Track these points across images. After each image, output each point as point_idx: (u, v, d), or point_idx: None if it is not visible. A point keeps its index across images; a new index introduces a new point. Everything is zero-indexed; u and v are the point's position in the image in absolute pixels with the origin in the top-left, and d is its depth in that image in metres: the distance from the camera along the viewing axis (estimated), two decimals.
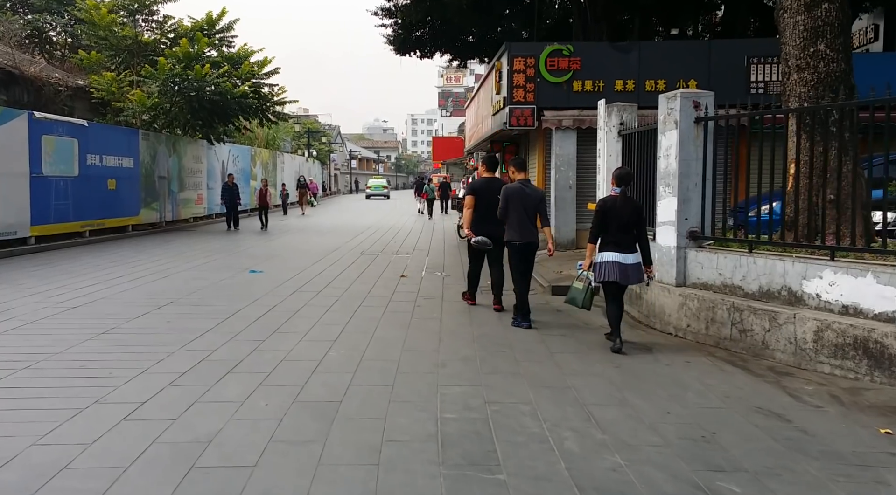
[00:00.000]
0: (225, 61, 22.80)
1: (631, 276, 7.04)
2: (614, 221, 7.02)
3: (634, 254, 7.06)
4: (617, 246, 6.99)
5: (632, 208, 7.14)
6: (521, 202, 8.09)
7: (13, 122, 14.75)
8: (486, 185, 8.99)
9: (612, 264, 6.97)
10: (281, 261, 14.14)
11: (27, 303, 9.00)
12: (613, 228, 7.01)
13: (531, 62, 14.21)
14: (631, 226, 7.03)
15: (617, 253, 6.98)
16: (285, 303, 9.28)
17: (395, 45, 20.59)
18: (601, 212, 7.13)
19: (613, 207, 7.08)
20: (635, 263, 7.05)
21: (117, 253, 15.24)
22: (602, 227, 7.08)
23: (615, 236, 7.00)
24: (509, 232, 8.18)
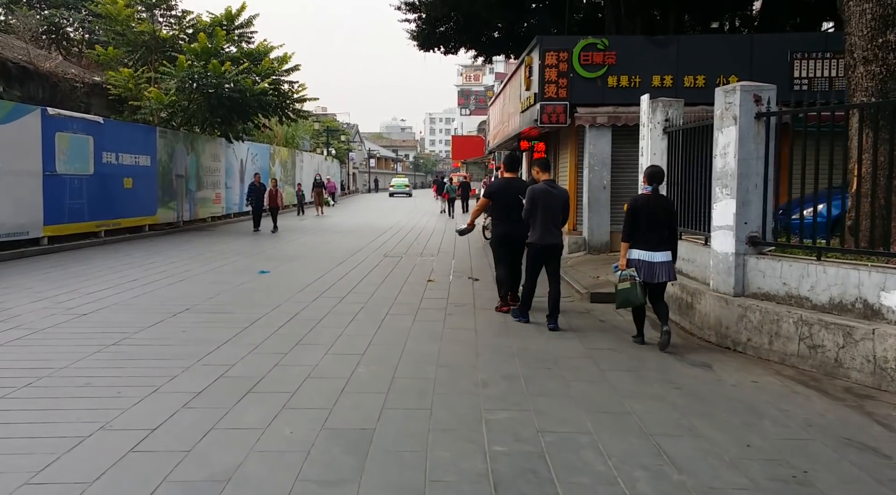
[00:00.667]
0: (244, 57, 22.31)
1: (658, 274, 7.00)
2: (645, 220, 7.02)
3: (664, 253, 7.03)
4: (646, 244, 7.01)
5: (664, 207, 7.14)
6: (548, 203, 7.88)
7: (25, 118, 14.30)
8: (505, 186, 8.80)
9: (639, 262, 7.03)
10: (302, 264, 13.59)
11: (34, 310, 8.48)
12: (644, 227, 7.02)
13: (564, 57, 13.54)
14: (662, 224, 7.04)
15: (644, 251, 7.00)
16: (308, 311, 8.71)
17: (418, 41, 19.99)
18: (632, 210, 7.10)
19: (645, 206, 7.07)
20: (664, 261, 7.01)
21: (132, 254, 14.76)
22: (634, 226, 7.06)
23: (645, 235, 7.02)
24: (532, 233, 7.95)
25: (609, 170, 13.39)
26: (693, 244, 8.51)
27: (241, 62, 21.83)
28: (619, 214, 13.57)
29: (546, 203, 7.85)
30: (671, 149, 9.28)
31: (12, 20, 26.59)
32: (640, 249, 7.03)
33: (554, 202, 7.90)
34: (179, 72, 20.18)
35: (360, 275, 12.04)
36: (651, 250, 6.97)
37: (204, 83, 20.81)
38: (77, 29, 28.77)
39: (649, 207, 7.05)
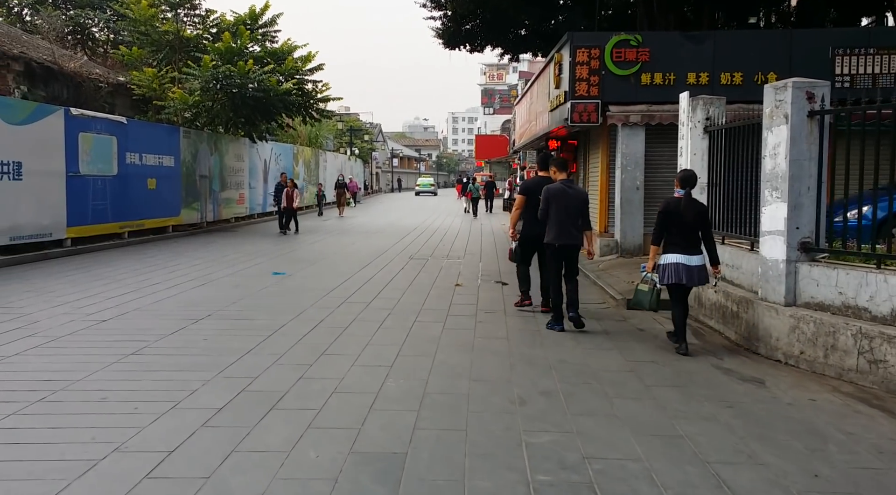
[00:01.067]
0: (268, 56, 22.11)
1: (696, 277, 6.94)
2: (677, 223, 6.93)
3: (699, 256, 6.96)
4: (681, 247, 6.89)
5: (696, 210, 7.04)
6: (564, 203, 7.82)
7: (48, 118, 14.17)
8: (540, 185, 8.62)
9: (676, 266, 6.88)
10: (326, 267, 13.30)
11: (54, 316, 8.26)
12: (676, 230, 6.93)
13: (595, 53, 13.12)
14: (695, 227, 6.95)
15: (681, 254, 6.88)
16: (333, 318, 8.40)
17: (443, 39, 19.64)
18: (664, 213, 7.03)
19: (677, 209, 6.97)
20: (700, 264, 6.94)
21: (156, 256, 14.58)
22: (665, 229, 7.00)
23: (679, 238, 6.92)
24: (549, 233, 7.91)
25: (642, 170, 12.95)
26: (738, 249, 8.08)
27: (266, 62, 21.63)
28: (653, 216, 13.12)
29: (561, 202, 7.80)
30: (712, 149, 8.86)
31: (38, 20, 26.69)
32: (675, 253, 6.92)
33: (570, 202, 7.82)
34: (204, 72, 20.02)
35: (386, 278, 11.72)
36: (688, 254, 6.90)
37: (228, 83, 20.64)
38: (102, 29, 28.80)
39: (681, 211, 6.95)
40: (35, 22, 26.99)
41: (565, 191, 7.91)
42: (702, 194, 9.01)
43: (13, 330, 7.49)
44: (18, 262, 12.93)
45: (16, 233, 13.22)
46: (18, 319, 8.01)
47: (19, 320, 7.97)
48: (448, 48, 19.97)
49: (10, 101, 13.55)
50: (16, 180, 13.24)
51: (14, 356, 6.45)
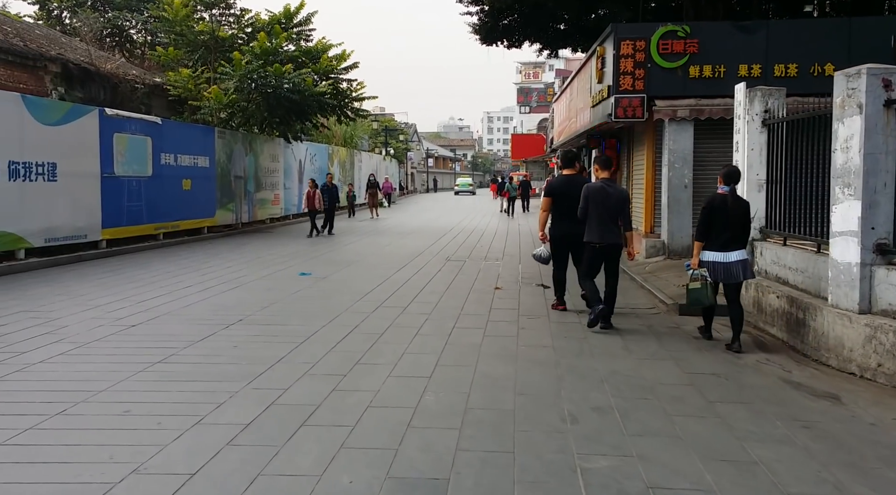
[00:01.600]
0: (303, 55, 21.91)
1: (735, 274, 6.93)
2: (721, 220, 6.92)
3: (738, 252, 6.94)
4: (720, 245, 6.92)
5: (740, 207, 7.04)
6: (603, 202, 7.68)
7: (83, 119, 14.07)
8: (566, 184, 8.57)
9: (714, 264, 6.95)
10: (361, 269, 12.96)
11: (83, 320, 8.03)
12: (719, 227, 6.92)
13: (641, 45, 12.55)
14: (736, 225, 6.94)
15: (718, 252, 6.92)
16: (368, 323, 8.02)
17: (480, 35, 19.19)
18: (708, 210, 7.01)
19: (722, 206, 6.95)
20: (739, 260, 6.91)
21: (189, 257, 14.40)
22: (708, 226, 6.99)
23: (720, 235, 6.92)
24: (589, 233, 7.79)
25: (691, 167, 12.35)
26: (802, 251, 7.50)
27: (301, 62, 21.43)
28: None
29: (600, 201, 7.67)
30: (772, 143, 8.28)
31: (77, 23, 26.91)
32: (713, 250, 6.96)
33: (609, 201, 7.68)
34: (238, 70, 19.88)
35: (423, 281, 11.33)
36: (725, 250, 6.90)
37: (263, 83, 20.48)
38: (140, 31, 28.97)
39: (726, 207, 6.93)
40: (74, 25, 27.25)
41: (605, 189, 7.74)
42: (760, 192, 8.46)
43: (41, 335, 7.26)
44: (53, 264, 12.83)
45: (51, 234, 13.13)
46: (48, 324, 7.80)
47: (48, 325, 7.74)
48: (485, 44, 19.52)
49: (44, 102, 13.48)
50: (51, 181, 13.15)
51: (39, 363, 6.20)
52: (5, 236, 12.07)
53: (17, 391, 5.42)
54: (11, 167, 12.19)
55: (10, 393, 5.37)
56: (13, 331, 7.47)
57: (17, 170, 12.34)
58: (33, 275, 11.72)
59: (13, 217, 12.21)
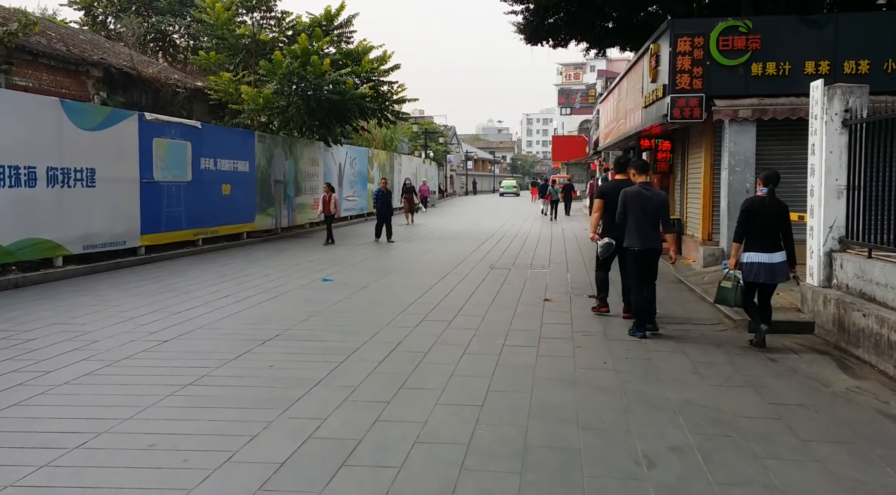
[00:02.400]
0: (343, 57, 21.57)
1: (777, 274, 7.11)
2: (760, 222, 7.09)
3: (781, 253, 7.10)
4: (762, 246, 7.06)
5: (779, 209, 7.15)
6: (640, 206, 7.70)
7: (122, 123, 13.86)
8: (617, 188, 8.48)
9: (759, 264, 7.07)
10: (402, 278, 12.48)
11: (115, 334, 7.66)
12: (758, 229, 7.08)
13: (699, 42, 11.82)
14: (777, 226, 7.09)
15: (763, 253, 7.05)
16: (411, 340, 7.50)
17: (525, 34, 18.59)
18: (746, 212, 7.17)
19: (761, 208, 7.11)
20: (781, 261, 7.09)
21: (228, 265, 14.09)
22: (747, 228, 7.15)
23: (760, 236, 7.06)
24: (628, 237, 7.84)
25: (752, 171, 11.57)
26: (892, 265, 6.76)
27: (342, 63, 21.09)
28: None
29: (638, 205, 7.69)
30: (853, 145, 7.55)
31: (121, 28, 27.06)
32: (756, 251, 7.10)
33: (647, 204, 7.67)
34: (277, 70, 19.59)
35: (467, 291, 10.79)
36: (768, 252, 7.06)
37: (303, 86, 20.20)
38: (183, 35, 29.04)
39: (764, 209, 7.09)
40: (118, 30, 27.42)
41: (642, 193, 7.74)
42: (840, 199, 7.73)
43: (70, 351, 6.91)
44: (91, 272, 12.62)
45: (89, 241, 12.92)
46: (78, 339, 7.45)
47: (79, 340, 7.40)
48: (529, 44, 18.90)
49: (83, 106, 13.29)
50: (89, 187, 12.94)
51: (63, 385, 5.81)
52: (43, 243, 11.87)
53: (38, 418, 5.03)
54: (50, 173, 11.99)
55: (30, 421, 4.97)
56: (43, 346, 7.13)
57: (56, 175, 12.14)
58: (70, 283, 11.49)
59: (51, 224, 12.01)
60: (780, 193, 11.03)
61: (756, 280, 7.14)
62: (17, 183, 11.34)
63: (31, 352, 6.89)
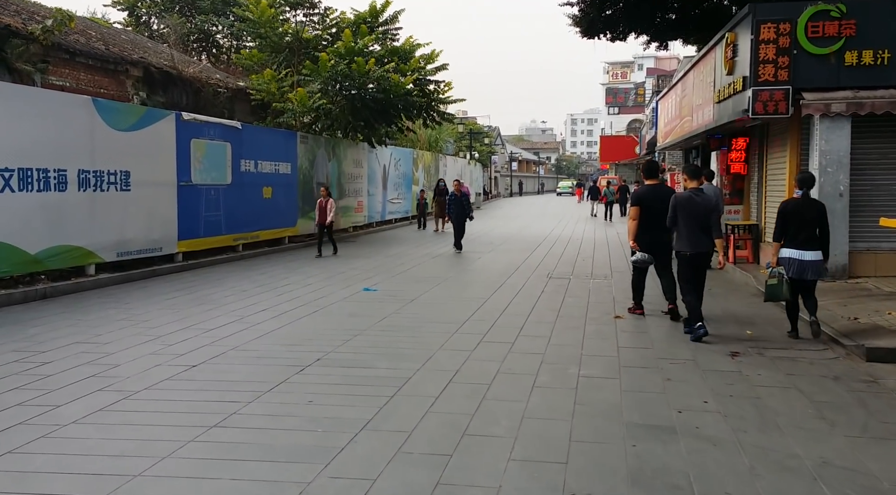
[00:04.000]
0: (389, 55, 20.73)
1: (809, 271, 7.41)
2: (795, 222, 7.44)
3: (813, 252, 7.41)
4: (796, 244, 7.42)
5: (815, 209, 7.47)
6: (691, 211, 7.82)
7: (158, 123, 13.18)
8: (651, 193, 8.75)
9: (790, 261, 7.43)
10: (452, 289, 11.52)
11: (139, 357, 6.86)
12: (794, 228, 7.44)
13: (785, 29, 10.60)
14: (812, 225, 7.39)
15: (795, 250, 7.41)
16: (470, 368, 6.52)
17: (581, 27, 17.47)
18: (783, 213, 7.55)
19: (796, 209, 7.49)
20: (813, 260, 7.38)
21: (267, 272, 13.31)
22: (783, 228, 7.53)
23: (795, 235, 7.43)
24: (679, 242, 7.95)
25: (847, 172, 10.33)
26: None
27: (387, 61, 20.24)
28: (862, 229, 10.51)
29: (688, 210, 7.81)
30: None
31: (164, 29, 26.72)
32: (790, 248, 7.48)
33: (698, 210, 7.79)
34: (323, 71, 18.85)
35: (526, 306, 9.77)
36: (800, 249, 7.40)
37: (347, 85, 19.43)
38: (226, 35, 28.60)
39: (799, 210, 7.48)
40: (161, 31, 27.08)
41: (693, 199, 7.84)
42: None
43: (86, 379, 6.11)
44: (125, 280, 11.95)
45: (123, 248, 12.26)
46: (97, 363, 6.66)
47: (98, 364, 6.60)
48: (586, 37, 17.78)
49: (117, 105, 12.64)
50: (124, 191, 12.29)
51: (70, 425, 4.99)
52: (74, 251, 11.22)
53: (29, 472, 4.19)
54: (81, 176, 11.34)
55: (17, 477, 4.13)
56: (58, 371, 6.35)
57: (88, 179, 11.49)
58: (101, 293, 10.80)
59: (83, 230, 11.36)
60: (876, 198, 9.97)
61: (791, 276, 7.47)
62: (47, 187, 10.70)
63: (43, 379, 6.11)
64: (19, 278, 10.45)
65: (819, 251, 7.39)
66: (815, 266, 7.40)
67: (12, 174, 10.10)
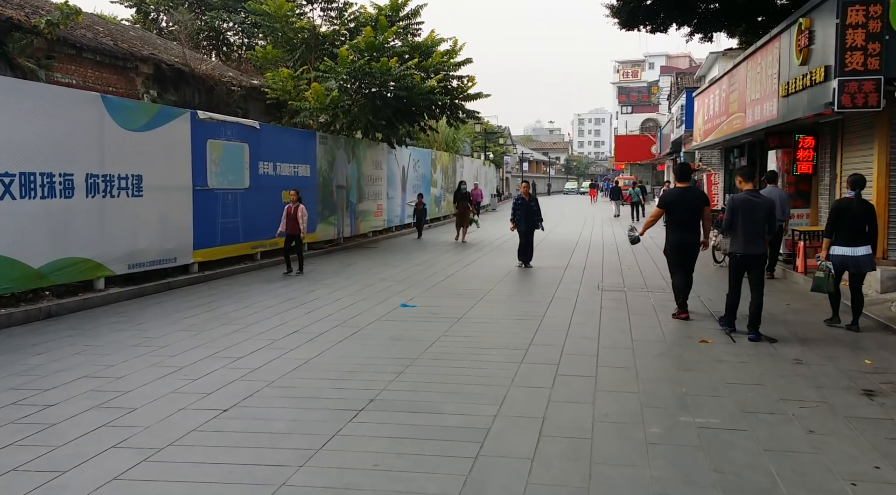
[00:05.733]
0: (411, 51, 19.62)
1: (862, 265, 7.96)
2: (847, 220, 7.93)
3: (864, 247, 7.92)
4: (847, 241, 7.93)
5: (865, 208, 7.96)
6: (749, 213, 7.85)
7: (173, 123, 12.11)
8: (680, 196, 8.97)
9: (843, 257, 7.97)
10: (499, 305, 10.40)
11: (159, 397, 5.77)
12: (846, 226, 7.95)
13: (876, 11, 9.44)
14: (863, 223, 7.91)
15: (847, 247, 7.93)
16: (557, 413, 5.40)
17: (620, 17, 16.35)
18: (835, 211, 8.06)
19: (848, 208, 7.97)
20: (866, 254, 7.92)
21: (291, 285, 12.22)
22: (835, 225, 8.01)
23: (846, 232, 7.92)
24: (734, 243, 8.02)
25: None
26: None
27: (409, 57, 19.15)
28: None
29: (748, 213, 7.84)
30: None
31: (172, 26, 25.68)
32: (843, 246, 7.93)
33: (757, 211, 7.85)
34: (342, 67, 17.77)
35: (590, 327, 8.63)
36: (853, 246, 7.87)
37: (368, 82, 18.34)
38: (237, 32, 27.57)
39: (852, 209, 7.91)
40: (170, 27, 26.06)
41: (751, 200, 7.90)
42: None
43: (97, 429, 5.04)
44: (137, 295, 10.89)
45: (135, 259, 11.19)
46: (110, 405, 5.59)
47: (111, 408, 5.52)
48: (625, 28, 16.63)
49: (128, 103, 11.57)
50: (135, 197, 11.22)
51: None
52: (82, 263, 10.16)
53: None
54: (89, 181, 10.28)
55: None
56: (63, 417, 5.29)
57: (97, 184, 10.42)
58: (111, 311, 9.75)
59: (91, 240, 10.30)
60: None
61: (841, 269, 8.03)
62: (52, 193, 9.63)
63: (46, 430, 5.04)
64: (21, 295, 9.39)
65: (869, 246, 7.94)
66: (868, 260, 7.96)
67: (13, 179, 9.03)
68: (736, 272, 8.06)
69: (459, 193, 21.87)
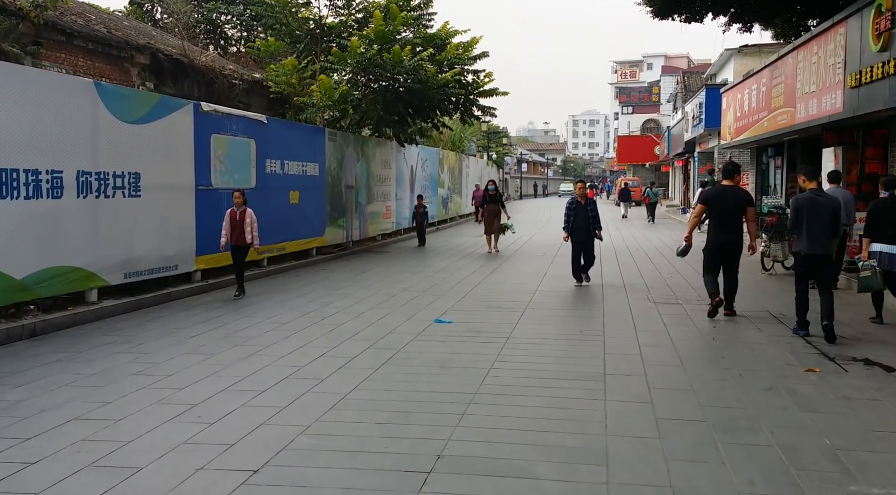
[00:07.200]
0: (423, 43, 18.43)
1: None
2: (885, 219, 8.10)
3: None
4: (887, 239, 8.06)
5: None
6: (814, 212, 7.77)
7: (174, 115, 10.87)
8: (721, 194, 8.91)
9: (882, 254, 8.06)
10: (545, 322, 9.20)
11: (169, 450, 4.56)
12: (884, 225, 8.09)
13: None
14: None
15: (886, 244, 8.06)
16: (685, 475, 4.23)
17: (654, 7, 15.19)
18: (873, 212, 8.24)
19: (884, 207, 8.15)
20: None
21: (304, 295, 11.02)
22: (874, 225, 8.17)
23: (886, 231, 8.06)
24: (798, 243, 7.98)
25: None
26: None
27: (422, 48, 17.96)
28: None
29: (813, 212, 7.77)
30: None
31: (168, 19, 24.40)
32: (882, 243, 8.12)
33: (822, 210, 7.77)
34: (351, 58, 16.56)
35: (665, 351, 7.45)
36: (892, 243, 8.05)
37: (379, 74, 17.14)
38: (235, 26, 26.32)
39: (889, 208, 8.13)
40: (165, 20, 24.78)
41: (815, 199, 7.87)
42: None
43: None
44: (134, 308, 9.67)
45: (131, 267, 9.96)
46: (107, 464, 4.39)
47: (109, 469, 4.32)
48: (658, 17, 15.48)
49: (124, 92, 10.34)
50: (132, 197, 10.00)
51: None
52: (72, 273, 8.92)
53: None
54: (81, 179, 9.04)
55: None
56: (49, 482, 4.06)
57: (89, 182, 9.19)
58: (106, 327, 8.52)
59: (83, 246, 9.06)
60: None
61: (880, 267, 8.07)
62: (37, 193, 8.39)
63: None
64: (1, 310, 8.14)
65: None
66: None
67: None
68: (800, 270, 8.06)
69: (487, 196, 18.37)
